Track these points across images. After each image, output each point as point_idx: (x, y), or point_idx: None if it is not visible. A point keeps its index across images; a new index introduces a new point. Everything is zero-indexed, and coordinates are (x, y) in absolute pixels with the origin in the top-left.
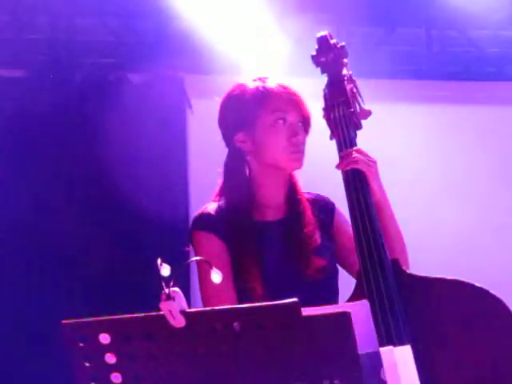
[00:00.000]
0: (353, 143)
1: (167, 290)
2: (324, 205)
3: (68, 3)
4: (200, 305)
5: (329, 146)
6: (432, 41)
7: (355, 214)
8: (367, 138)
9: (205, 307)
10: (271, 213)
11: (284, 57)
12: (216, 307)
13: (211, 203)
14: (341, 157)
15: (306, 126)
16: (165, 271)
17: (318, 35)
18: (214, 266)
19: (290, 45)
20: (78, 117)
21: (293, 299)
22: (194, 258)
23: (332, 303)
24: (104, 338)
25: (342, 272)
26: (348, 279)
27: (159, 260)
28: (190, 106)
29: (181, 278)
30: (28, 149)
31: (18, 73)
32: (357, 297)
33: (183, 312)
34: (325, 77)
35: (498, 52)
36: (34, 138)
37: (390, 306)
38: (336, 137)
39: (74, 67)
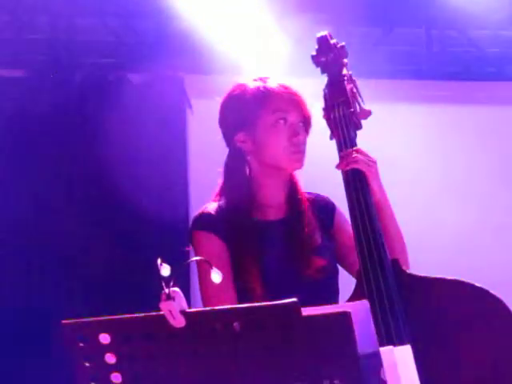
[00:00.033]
0: (353, 143)
1: (167, 290)
2: (324, 205)
3: (68, 3)
4: (200, 305)
5: (329, 146)
6: (432, 41)
7: (355, 214)
8: (367, 138)
9: (205, 307)
10: (272, 212)
11: (284, 57)
12: (216, 307)
13: (211, 203)
14: (341, 157)
15: (307, 126)
16: (165, 271)
17: (318, 35)
18: (214, 266)
19: (290, 45)
20: (78, 117)
21: (293, 299)
22: (194, 258)
23: (332, 303)
24: (104, 338)
25: (342, 272)
26: (348, 279)
27: (159, 260)
28: (190, 106)
29: (181, 278)
30: (28, 149)
31: (18, 73)
32: (357, 297)
33: (183, 312)
34: (325, 77)
35: (498, 52)
36: (34, 138)
37: (390, 306)
38: (336, 137)
39: (74, 67)
